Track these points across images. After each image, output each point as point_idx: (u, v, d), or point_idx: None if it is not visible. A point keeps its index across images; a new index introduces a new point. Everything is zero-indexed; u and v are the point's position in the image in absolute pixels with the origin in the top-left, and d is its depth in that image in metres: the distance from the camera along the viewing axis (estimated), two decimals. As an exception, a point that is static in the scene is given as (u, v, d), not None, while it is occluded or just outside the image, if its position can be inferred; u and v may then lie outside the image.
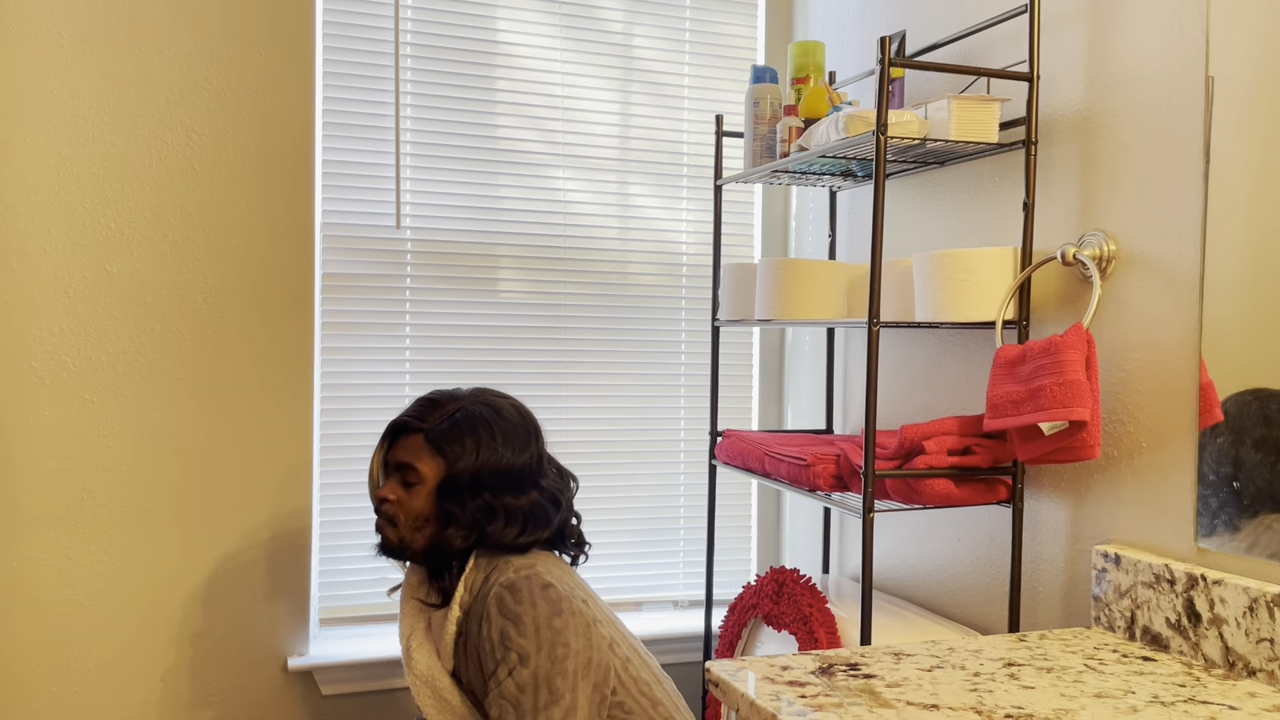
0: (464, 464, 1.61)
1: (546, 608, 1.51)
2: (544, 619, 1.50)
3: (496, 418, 1.65)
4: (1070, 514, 1.60)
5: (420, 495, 1.62)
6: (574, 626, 1.52)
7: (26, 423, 1.95)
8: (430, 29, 2.21)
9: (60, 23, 1.94)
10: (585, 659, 1.51)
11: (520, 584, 1.53)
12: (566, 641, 1.50)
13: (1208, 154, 1.37)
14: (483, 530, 1.61)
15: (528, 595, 1.52)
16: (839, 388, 2.27)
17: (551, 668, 1.48)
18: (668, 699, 1.63)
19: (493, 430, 1.63)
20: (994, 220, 1.78)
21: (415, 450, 1.63)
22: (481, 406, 1.66)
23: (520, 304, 2.29)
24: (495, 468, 1.62)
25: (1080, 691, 1.21)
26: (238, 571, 2.07)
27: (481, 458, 1.61)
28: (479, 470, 1.61)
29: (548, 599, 1.52)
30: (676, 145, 2.40)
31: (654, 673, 1.65)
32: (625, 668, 1.59)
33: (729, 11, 2.43)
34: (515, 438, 1.65)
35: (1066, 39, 1.62)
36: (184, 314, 2.03)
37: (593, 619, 1.56)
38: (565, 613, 1.52)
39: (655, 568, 2.42)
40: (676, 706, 1.64)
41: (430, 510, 1.63)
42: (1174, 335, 1.43)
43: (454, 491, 1.61)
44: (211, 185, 2.04)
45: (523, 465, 1.64)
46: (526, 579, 1.54)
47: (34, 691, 1.97)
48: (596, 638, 1.55)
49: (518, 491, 1.63)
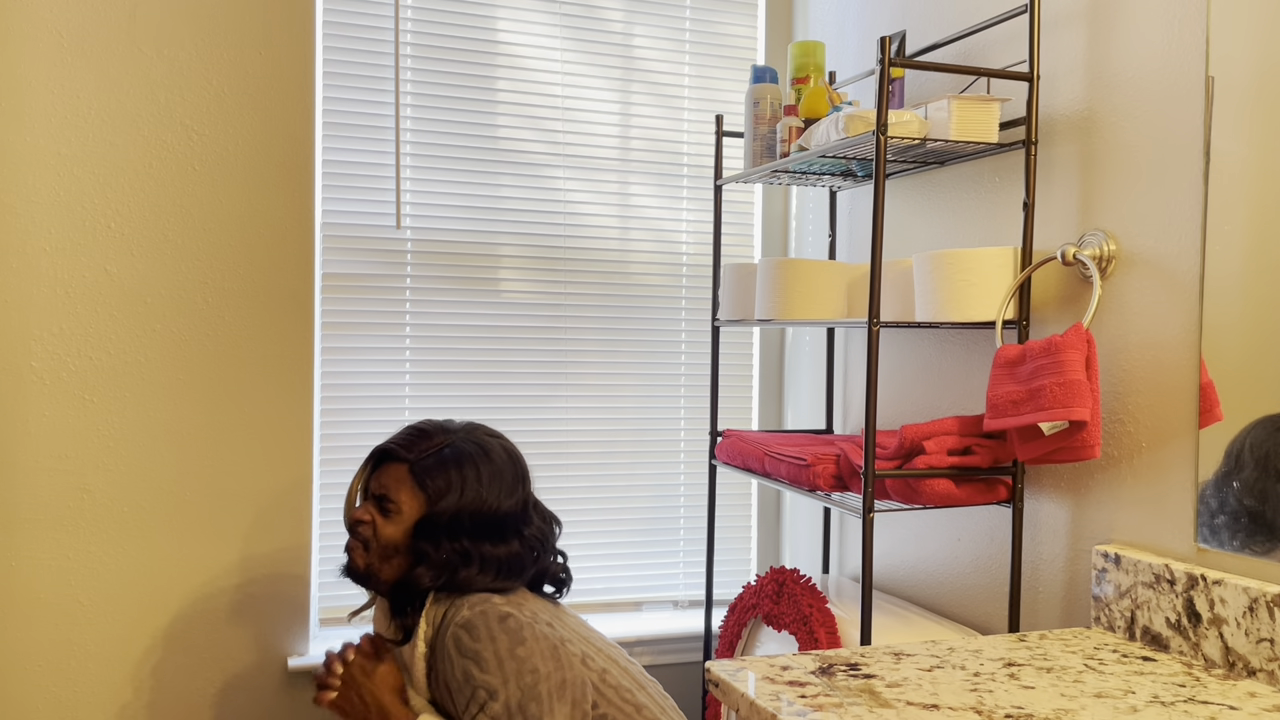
0: (445, 504, 1.56)
1: (506, 639, 1.47)
2: (505, 651, 1.47)
3: (485, 458, 1.59)
4: (1070, 514, 1.60)
5: (396, 525, 1.57)
6: (539, 651, 1.48)
7: (26, 423, 1.95)
8: (430, 29, 2.21)
9: (60, 23, 1.94)
10: (558, 680, 1.49)
11: (476, 620, 1.48)
12: (535, 668, 1.47)
13: (1208, 154, 1.37)
14: (454, 574, 1.55)
15: (485, 631, 1.48)
16: (839, 388, 2.27)
17: (523, 695, 1.45)
18: (652, 702, 1.61)
19: (479, 471, 1.58)
20: (994, 220, 1.78)
21: (398, 480, 1.59)
22: (471, 445, 1.60)
23: (520, 304, 2.29)
24: (477, 511, 1.57)
25: (1080, 691, 1.21)
26: (237, 571, 2.07)
27: (465, 499, 1.56)
28: (459, 512, 1.56)
29: (506, 630, 1.48)
30: (676, 145, 2.40)
31: (635, 678, 1.62)
32: (603, 679, 1.56)
33: (729, 11, 2.43)
34: (502, 481, 1.59)
35: (1066, 39, 1.62)
36: (184, 314, 2.03)
37: (559, 639, 1.53)
38: (528, 640, 1.48)
39: (655, 568, 2.42)
40: (662, 709, 1.62)
41: (403, 543, 1.57)
42: (1174, 335, 1.43)
43: (431, 531, 1.56)
44: (211, 185, 2.04)
45: (507, 511, 1.59)
46: (482, 614, 1.49)
47: (34, 691, 1.97)
48: (566, 656, 1.52)
49: (498, 539, 1.58)
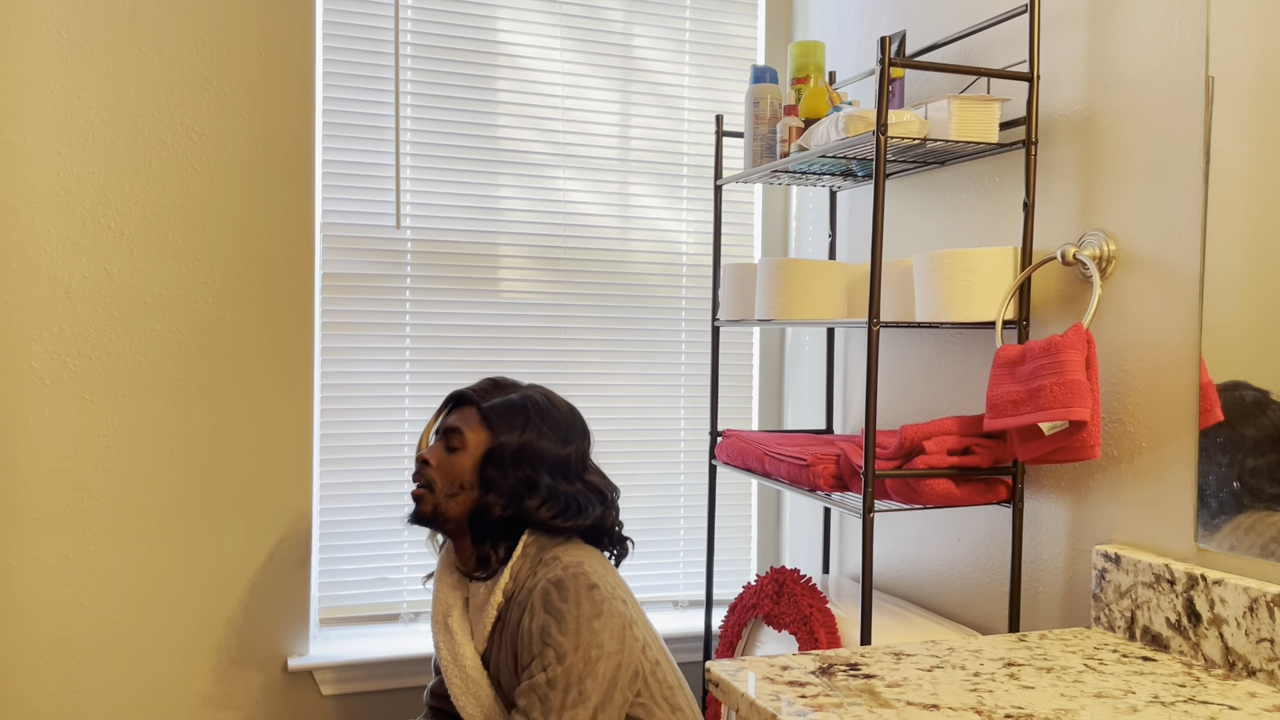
0: (509, 439, 1.65)
1: (590, 608, 1.54)
2: (585, 619, 1.53)
3: (550, 407, 1.70)
4: (1070, 514, 1.60)
5: (462, 460, 1.66)
6: (611, 629, 1.54)
7: (26, 423, 1.95)
8: (430, 29, 2.21)
9: (60, 22, 1.94)
10: (616, 662, 1.54)
11: (568, 582, 1.55)
12: (602, 644, 1.52)
13: (1208, 154, 1.37)
14: (521, 503, 1.64)
15: (573, 594, 1.54)
16: (839, 388, 2.27)
17: (584, 669, 1.51)
18: (688, 706, 1.64)
19: (544, 417, 1.68)
20: (994, 220, 1.78)
21: (466, 418, 1.68)
22: (539, 396, 1.72)
23: (520, 304, 2.29)
24: (538, 451, 1.66)
25: (1080, 691, 1.21)
26: (237, 571, 2.07)
27: (526, 438, 1.66)
28: (522, 447, 1.65)
29: (592, 599, 1.54)
30: (677, 145, 2.40)
31: (678, 677, 1.67)
32: (654, 671, 1.61)
33: (729, 11, 2.43)
34: (563, 430, 1.69)
35: (1066, 39, 1.62)
36: (184, 314, 2.03)
37: (630, 620, 1.59)
38: (605, 614, 1.54)
39: (655, 568, 2.42)
40: (695, 714, 1.65)
41: (470, 477, 1.66)
42: (1174, 335, 1.43)
43: (497, 461, 1.65)
44: (211, 185, 2.04)
45: (565, 456, 1.68)
46: (574, 577, 1.56)
47: (34, 691, 1.97)
48: (630, 640, 1.57)
49: (559, 477, 1.67)
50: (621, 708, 1.55)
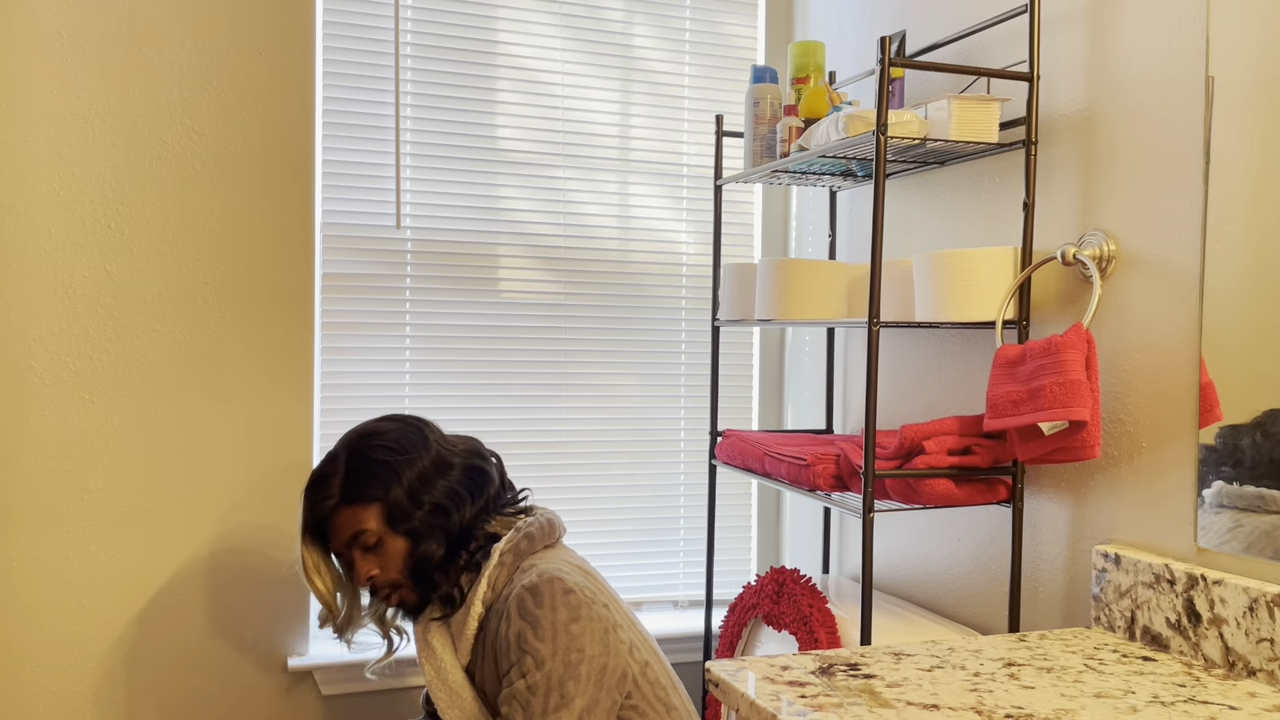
0: (393, 492, 1.61)
1: (566, 612, 1.52)
2: (562, 624, 1.51)
3: (378, 439, 1.66)
4: (1070, 514, 1.60)
5: (388, 544, 1.62)
6: (591, 632, 1.53)
7: (26, 423, 1.95)
8: (430, 29, 2.21)
9: (60, 22, 1.94)
10: (600, 664, 1.53)
11: (542, 587, 1.54)
12: (582, 647, 1.51)
13: (1208, 154, 1.37)
14: (447, 524, 1.62)
15: (548, 599, 1.53)
16: (839, 388, 2.27)
17: (565, 672, 1.49)
18: (683, 706, 1.64)
19: (383, 449, 1.64)
20: (994, 220, 1.78)
21: (349, 518, 1.63)
22: (359, 442, 1.66)
23: (520, 304, 2.29)
24: (414, 473, 1.63)
25: (1080, 691, 1.21)
26: (237, 571, 2.07)
27: (399, 478, 1.62)
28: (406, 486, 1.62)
29: (568, 604, 1.53)
30: (676, 145, 2.40)
31: (670, 677, 1.66)
32: (644, 672, 1.60)
33: (729, 11, 2.43)
34: (404, 440, 1.65)
35: (1066, 39, 1.62)
36: (184, 314, 2.03)
37: (613, 624, 1.57)
38: (584, 618, 1.53)
39: (655, 568, 2.42)
40: (690, 713, 1.64)
41: (404, 545, 1.62)
42: (1174, 335, 1.43)
43: (403, 515, 1.62)
44: (212, 185, 2.04)
45: (430, 453, 1.66)
46: (549, 582, 1.55)
47: (34, 691, 1.97)
48: (615, 643, 1.56)
49: (445, 472, 1.65)
50: (610, 710, 1.54)
